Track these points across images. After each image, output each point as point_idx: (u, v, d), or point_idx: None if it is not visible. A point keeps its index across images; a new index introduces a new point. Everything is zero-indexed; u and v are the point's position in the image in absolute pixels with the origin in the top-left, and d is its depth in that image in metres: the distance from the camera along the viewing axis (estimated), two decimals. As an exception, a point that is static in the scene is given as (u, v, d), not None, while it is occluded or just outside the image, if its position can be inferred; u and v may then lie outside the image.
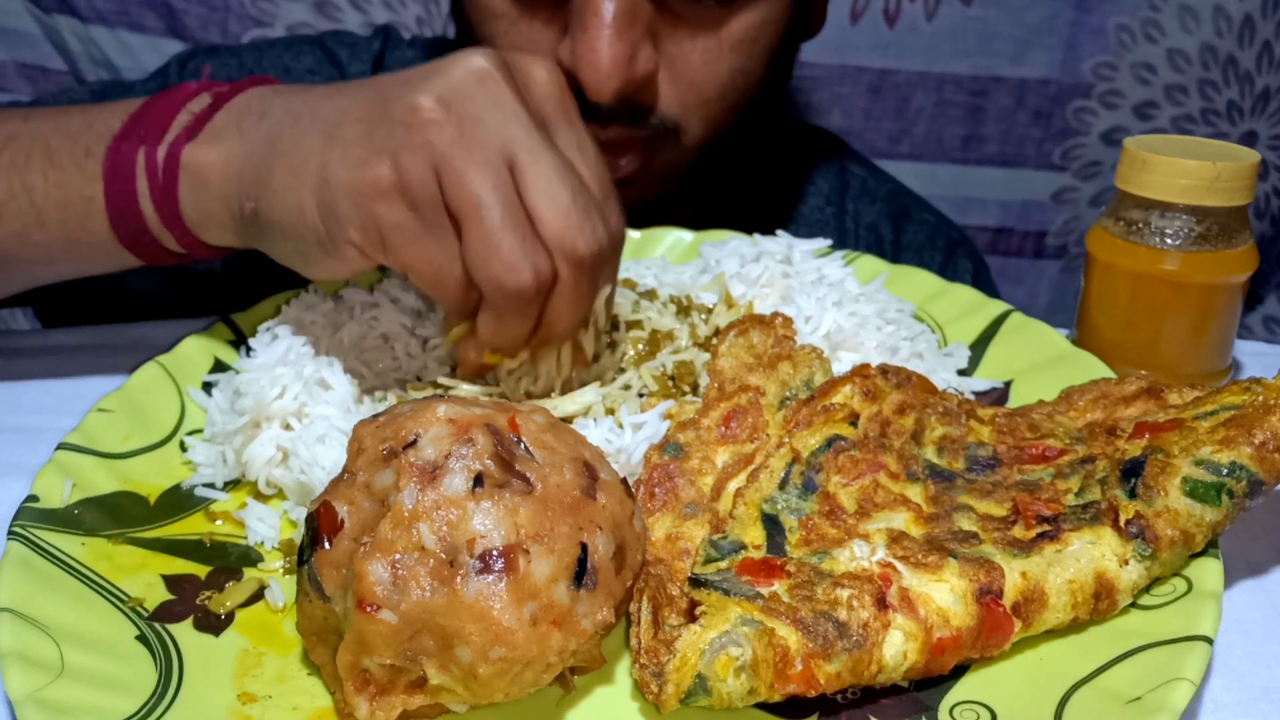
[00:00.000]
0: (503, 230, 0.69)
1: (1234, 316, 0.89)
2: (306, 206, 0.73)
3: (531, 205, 0.71)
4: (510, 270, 0.70)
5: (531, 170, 0.71)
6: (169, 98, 0.82)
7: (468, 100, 0.71)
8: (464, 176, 0.69)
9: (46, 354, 1.00)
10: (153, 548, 0.73)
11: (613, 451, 0.75)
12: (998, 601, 0.61)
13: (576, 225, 0.71)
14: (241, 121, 0.79)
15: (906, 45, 1.72)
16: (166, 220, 0.81)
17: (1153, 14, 1.69)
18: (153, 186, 0.80)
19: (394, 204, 0.70)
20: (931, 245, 1.45)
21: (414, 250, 0.71)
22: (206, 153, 0.79)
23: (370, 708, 0.57)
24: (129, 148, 0.81)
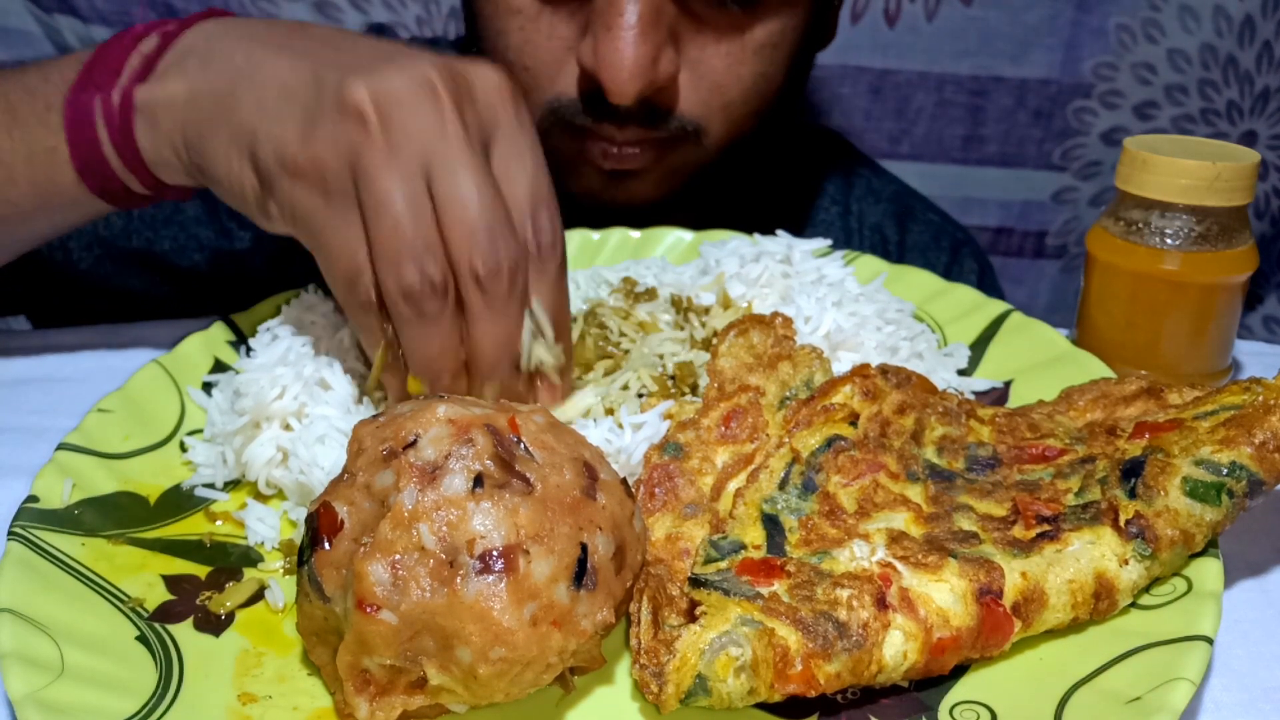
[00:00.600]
0: (397, 229, 0.69)
1: (1234, 316, 0.89)
2: (244, 172, 0.75)
3: (441, 219, 0.70)
4: (397, 267, 0.69)
5: (445, 183, 0.70)
6: (119, 42, 0.83)
7: (400, 107, 0.70)
8: (375, 175, 0.69)
9: (46, 354, 1.00)
10: (153, 548, 0.73)
11: (613, 451, 0.75)
12: (998, 601, 0.61)
13: (477, 240, 0.69)
14: (185, 62, 0.80)
15: (907, 45, 1.72)
16: (129, 163, 0.83)
17: (1153, 14, 1.69)
18: (111, 131, 0.81)
19: (308, 187, 0.71)
20: (936, 245, 1.46)
21: (318, 237, 0.72)
22: (154, 93, 0.80)
23: (370, 708, 0.57)
24: (86, 97, 0.82)
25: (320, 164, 0.70)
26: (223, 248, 1.26)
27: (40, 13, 1.56)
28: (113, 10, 1.57)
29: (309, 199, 0.71)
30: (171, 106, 0.79)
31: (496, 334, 0.72)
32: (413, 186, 0.69)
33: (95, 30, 1.57)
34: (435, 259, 0.69)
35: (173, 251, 1.24)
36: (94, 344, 1.03)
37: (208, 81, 0.78)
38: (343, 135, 0.69)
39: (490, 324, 0.71)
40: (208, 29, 0.82)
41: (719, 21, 1.02)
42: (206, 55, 0.79)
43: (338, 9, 1.63)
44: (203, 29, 0.82)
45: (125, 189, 0.85)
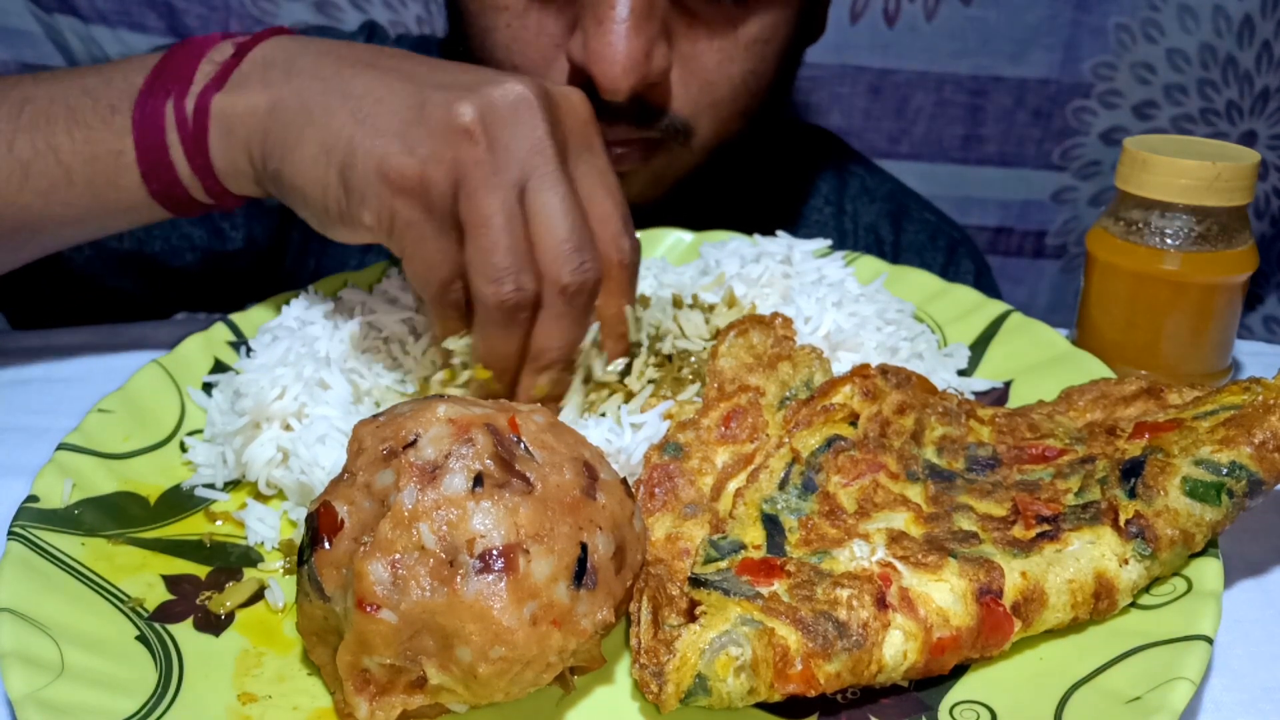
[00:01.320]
0: (497, 246, 0.73)
1: (1234, 316, 0.89)
2: (330, 181, 0.76)
3: (533, 231, 0.74)
4: (496, 282, 0.73)
5: (540, 200, 0.74)
6: (187, 50, 0.84)
7: (502, 125, 0.74)
8: (479, 194, 0.73)
9: (46, 354, 1.00)
10: (153, 548, 0.73)
11: (613, 451, 0.75)
12: (998, 601, 0.61)
13: (567, 255, 0.74)
14: (267, 73, 0.81)
15: (906, 45, 1.72)
16: (198, 170, 0.83)
17: (1152, 14, 1.69)
18: (183, 137, 0.82)
19: (412, 202, 0.74)
20: (933, 245, 1.45)
21: (417, 247, 0.75)
22: (234, 102, 0.80)
23: (370, 708, 0.57)
24: (156, 101, 0.82)
25: (427, 179, 0.73)
26: (214, 249, 1.26)
27: (40, 12, 1.56)
28: (113, 10, 1.57)
29: (411, 212, 0.74)
30: (252, 115, 0.80)
31: (566, 338, 0.77)
32: (511, 204, 0.73)
33: (96, 30, 1.57)
34: (529, 275, 0.74)
35: (164, 253, 1.24)
36: (94, 344, 1.03)
37: (294, 92, 0.79)
38: (449, 152, 0.73)
39: (563, 329, 0.77)
40: (284, 43, 0.83)
41: (712, 16, 1.02)
42: (289, 67, 0.80)
43: (338, 8, 1.63)
44: (279, 42, 0.83)
45: (188, 196, 0.85)
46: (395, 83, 0.77)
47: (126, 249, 1.21)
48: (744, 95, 1.08)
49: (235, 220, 1.25)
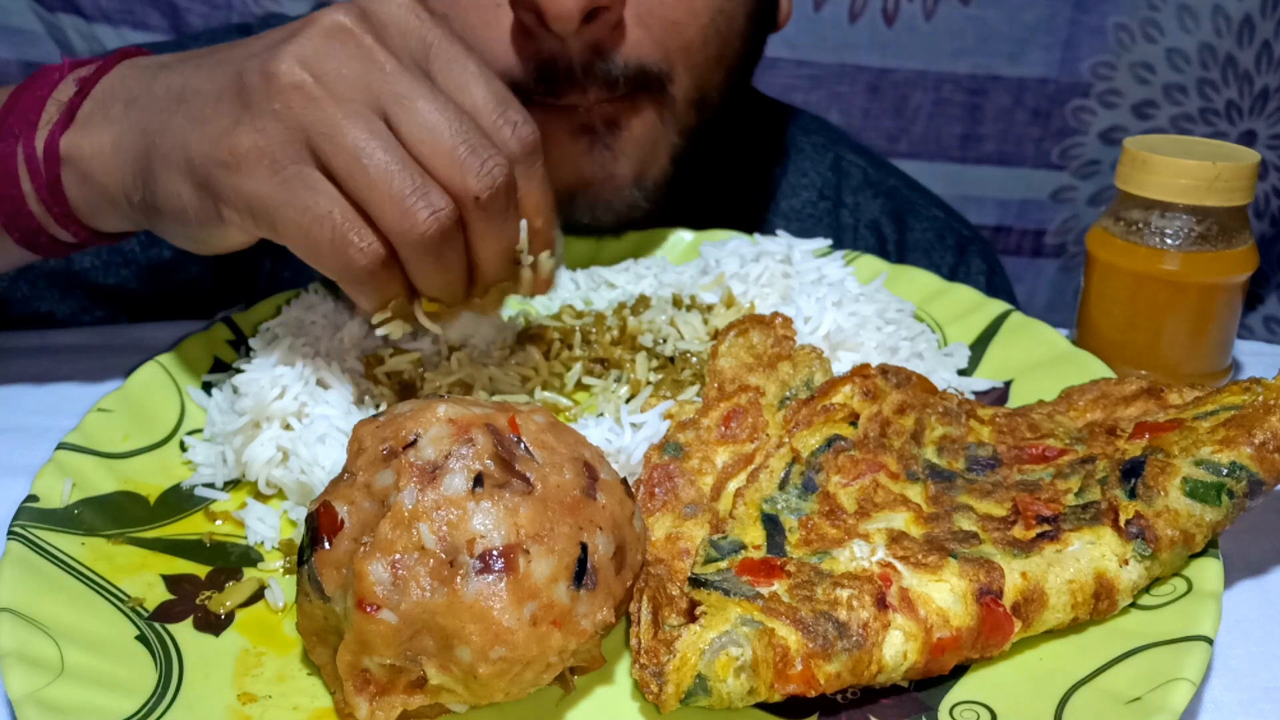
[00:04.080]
0: (388, 173, 0.67)
1: (1234, 316, 0.89)
2: (182, 191, 0.72)
3: (414, 152, 0.68)
4: (406, 212, 0.68)
5: (406, 118, 0.68)
6: (33, 89, 0.80)
7: (326, 59, 0.68)
8: (336, 131, 0.67)
9: (46, 354, 1.00)
10: (153, 548, 0.73)
11: (613, 451, 0.75)
12: (998, 601, 0.61)
13: (464, 162, 0.68)
14: (109, 109, 0.77)
15: (905, 44, 1.72)
16: (58, 217, 0.80)
17: (1151, 13, 1.69)
18: (37, 185, 0.79)
19: (258, 173, 0.69)
20: (941, 244, 1.38)
21: (284, 211, 0.69)
22: (81, 144, 0.77)
23: (370, 708, 0.57)
24: (6, 147, 0.79)
25: (261, 145, 0.68)
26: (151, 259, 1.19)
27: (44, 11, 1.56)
28: (116, 9, 1.57)
29: (259, 182, 0.69)
30: (100, 155, 0.76)
31: (500, 246, 0.72)
32: (379, 130, 0.68)
33: (98, 28, 1.57)
34: (438, 192, 0.68)
35: (95, 269, 1.17)
36: (94, 344, 1.03)
37: (132, 123, 0.75)
38: (282, 110, 0.68)
39: (494, 239, 0.72)
40: (124, 71, 0.79)
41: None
42: (129, 98, 0.77)
43: (338, 5, 1.63)
44: (119, 72, 0.79)
45: (52, 240, 0.82)
46: (212, 71, 0.73)
47: (52, 267, 1.15)
48: (715, 39, 1.02)
49: None
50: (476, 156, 0.68)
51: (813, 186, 1.37)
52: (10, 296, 1.15)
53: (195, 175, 0.71)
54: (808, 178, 1.37)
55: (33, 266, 1.12)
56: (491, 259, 0.72)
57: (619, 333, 0.90)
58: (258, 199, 0.69)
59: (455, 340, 0.87)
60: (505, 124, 0.72)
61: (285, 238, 0.70)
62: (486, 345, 0.89)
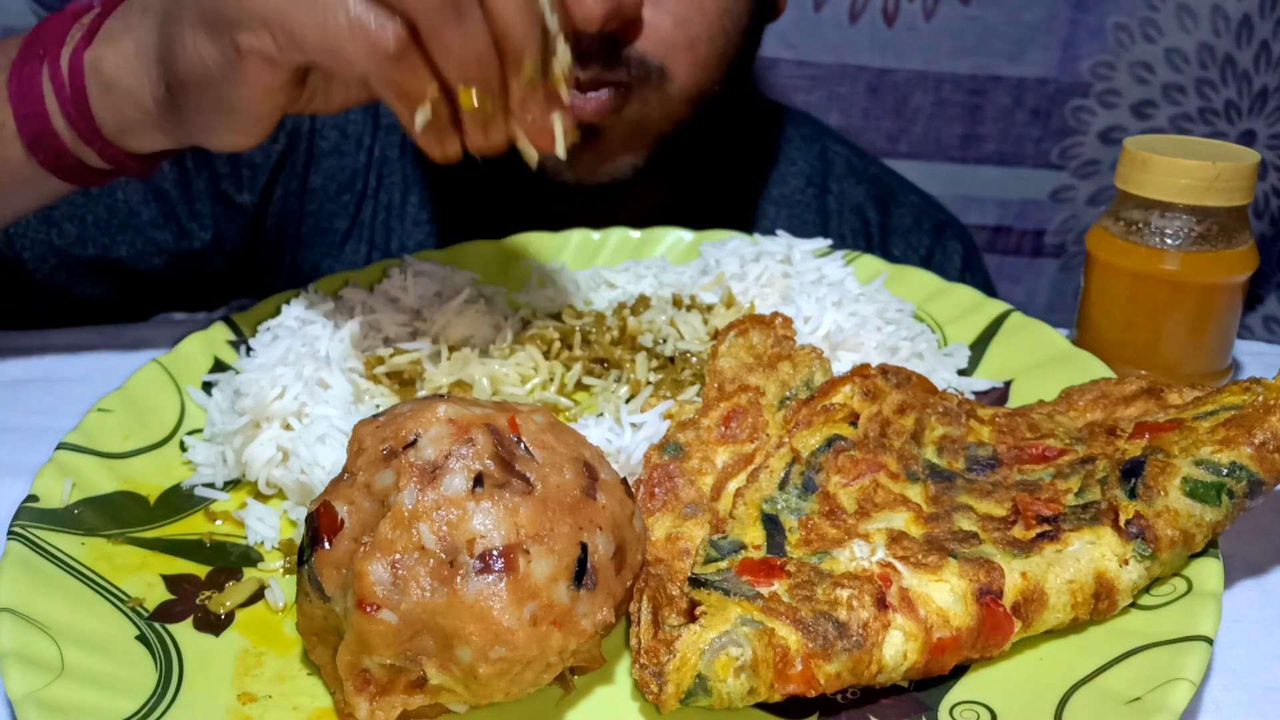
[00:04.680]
0: None
1: (1234, 316, 0.89)
2: (199, 44, 0.72)
3: None
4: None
5: None
6: (59, 17, 0.82)
7: None
8: None
9: (46, 354, 1.00)
10: (153, 548, 0.73)
11: (613, 451, 0.75)
12: (998, 601, 0.61)
13: None
14: (128, 16, 0.79)
15: (905, 44, 1.72)
16: (84, 134, 0.81)
17: (1151, 13, 1.69)
18: (62, 101, 0.80)
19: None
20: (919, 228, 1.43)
21: (295, 19, 0.68)
22: (105, 54, 0.78)
23: (370, 708, 0.57)
24: (30, 68, 0.80)
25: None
26: (182, 249, 1.23)
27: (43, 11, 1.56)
28: (112, 9, 1.57)
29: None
30: (125, 61, 0.77)
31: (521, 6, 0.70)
32: None
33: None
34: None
35: (130, 257, 1.21)
36: (94, 344, 1.03)
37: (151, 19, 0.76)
38: None
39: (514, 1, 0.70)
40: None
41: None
42: (145, 5, 0.78)
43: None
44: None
45: (79, 163, 0.83)
46: None
47: (91, 255, 1.18)
48: (720, 36, 1.06)
49: (203, 220, 1.23)
50: None
51: (801, 175, 1.42)
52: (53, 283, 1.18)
53: (206, 18, 0.71)
54: (796, 166, 1.42)
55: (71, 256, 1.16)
56: (515, 21, 0.70)
57: (619, 333, 0.90)
58: (269, 8, 0.68)
59: (455, 340, 0.88)
60: None
61: (305, 42, 0.69)
62: (486, 345, 0.89)
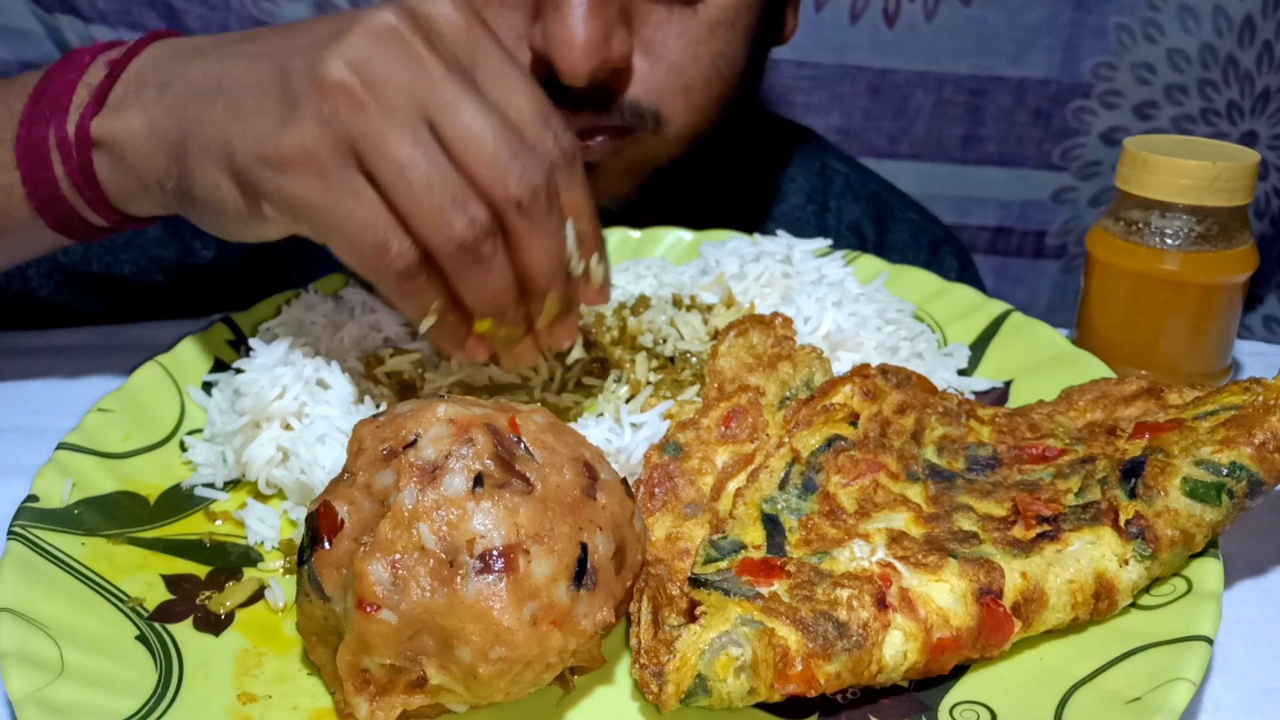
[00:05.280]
0: (429, 185, 0.68)
1: (1234, 316, 0.89)
2: (222, 184, 0.72)
3: (458, 159, 0.69)
4: (445, 224, 0.68)
5: (450, 123, 0.69)
6: (63, 73, 0.81)
7: (374, 63, 0.69)
8: (383, 142, 0.68)
9: (46, 354, 1.00)
10: (153, 548, 0.73)
11: (613, 451, 0.75)
12: (998, 601, 0.61)
13: (506, 168, 0.69)
14: (141, 93, 0.78)
15: (906, 45, 1.72)
16: (91, 201, 0.80)
17: (1152, 14, 1.69)
18: (69, 169, 0.79)
19: (304, 174, 0.69)
20: (916, 244, 1.44)
21: (329, 214, 0.69)
22: (113, 128, 0.77)
23: (370, 708, 0.57)
24: (38, 131, 0.79)
25: (309, 149, 0.68)
26: (184, 266, 1.24)
27: (41, 12, 1.56)
28: (114, 10, 1.57)
29: (305, 185, 0.69)
30: (133, 139, 0.77)
31: (548, 250, 0.72)
32: (424, 140, 0.68)
33: (96, 29, 1.57)
34: (475, 202, 0.69)
35: (134, 275, 1.22)
36: (94, 344, 1.03)
37: (167, 108, 0.76)
38: (329, 114, 0.68)
39: (540, 243, 0.72)
40: (155, 54, 0.79)
41: None
42: (161, 82, 0.77)
43: (337, 9, 1.63)
44: (151, 55, 0.79)
45: (85, 224, 0.83)
46: (256, 63, 0.72)
47: (95, 272, 1.19)
48: (716, 80, 1.06)
49: (207, 239, 1.23)
50: (518, 161, 0.69)
51: (801, 192, 1.43)
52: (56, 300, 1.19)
53: (237, 170, 0.71)
54: (796, 184, 1.43)
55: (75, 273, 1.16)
56: (539, 264, 0.72)
57: (619, 333, 0.90)
58: (302, 201, 0.69)
59: None
60: (547, 132, 0.73)
61: (328, 240, 0.71)
62: None
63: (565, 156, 0.74)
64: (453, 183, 0.68)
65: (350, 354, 0.84)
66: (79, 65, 0.81)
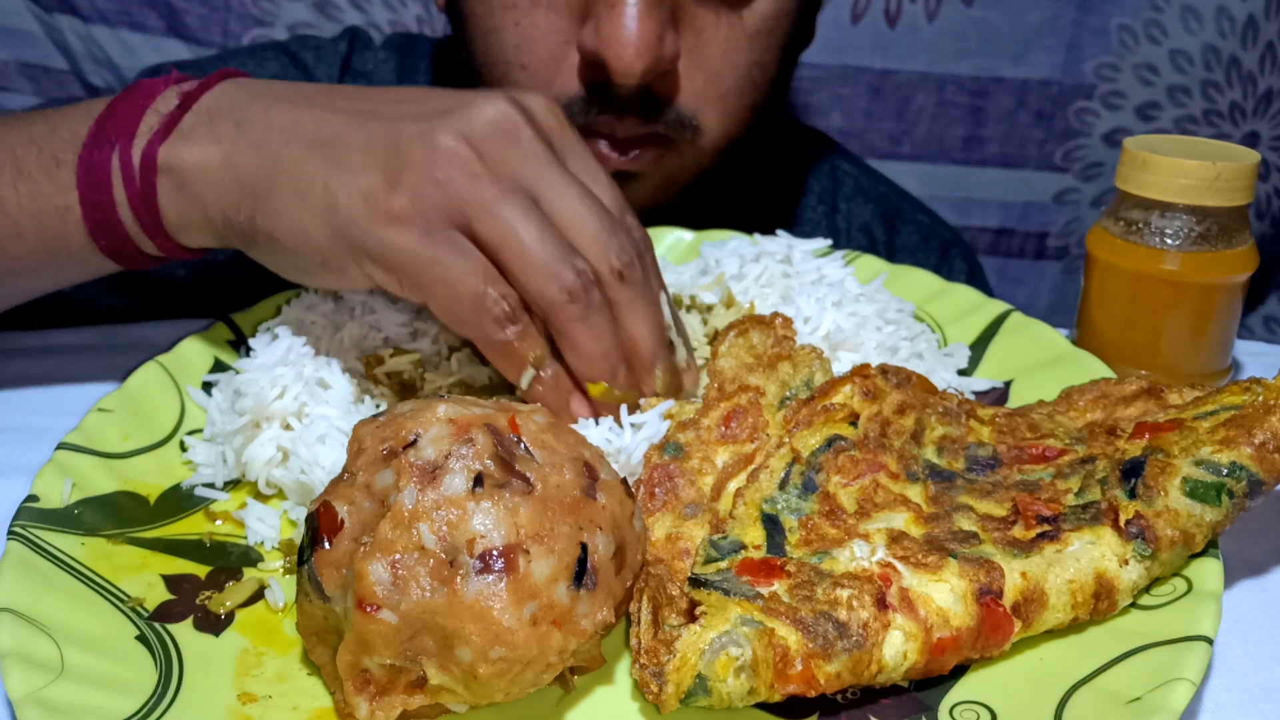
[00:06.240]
0: (541, 242, 0.72)
1: (1234, 316, 0.89)
2: (313, 230, 0.74)
3: (563, 231, 0.73)
4: (555, 276, 0.72)
5: (556, 202, 0.74)
6: (131, 99, 0.81)
7: (489, 141, 0.73)
8: (494, 204, 0.71)
9: (46, 354, 1.00)
10: (153, 548, 0.73)
11: (613, 451, 0.75)
12: (998, 601, 0.61)
13: (606, 241, 0.74)
14: (215, 124, 0.78)
15: (908, 46, 1.72)
16: (147, 227, 0.80)
17: (1155, 15, 1.69)
18: (130, 194, 0.79)
19: (407, 230, 0.72)
20: (926, 246, 1.45)
21: (431, 269, 0.72)
22: (183, 155, 0.78)
23: (370, 708, 0.57)
24: (101, 154, 0.79)
25: (419, 208, 0.71)
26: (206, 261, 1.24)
27: (41, 12, 1.56)
28: (113, 9, 1.57)
29: (409, 242, 0.72)
30: (205, 169, 0.77)
31: (649, 318, 0.77)
32: (532, 208, 0.72)
33: (96, 29, 1.57)
34: (580, 259, 0.73)
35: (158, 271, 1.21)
36: (94, 344, 1.03)
37: (251, 144, 0.76)
38: (444, 181, 0.71)
39: (641, 310, 0.76)
40: (231, 91, 0.80)
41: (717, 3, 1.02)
42: (240, 118, 0.78)
43: (338, 8, 1.63)
44: (225, 90, 0.80)
45: (138, 251, 0.83)
46: (363, 122, 0.75)
47: None
48: (750, 89, 1.08)
49: None
50: (615, 238, 0.75)
51: (811, 193, 1.44)
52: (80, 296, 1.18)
53: (336, 221, 0.73)
54: (806, 185, 1.44)
55: None
56: (642, 331, 0.76)
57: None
58: (406, 255, 0.72)
59: (456, 340, 0.87)
60: (632, 218, 0.80)
61: (428, 294, 0.73)
62: None
63: (647, 243, 0.80)
64: (562, 241, 0.73)
65: (350, 354, 0.84)
66: (149, 93, 0.81)
